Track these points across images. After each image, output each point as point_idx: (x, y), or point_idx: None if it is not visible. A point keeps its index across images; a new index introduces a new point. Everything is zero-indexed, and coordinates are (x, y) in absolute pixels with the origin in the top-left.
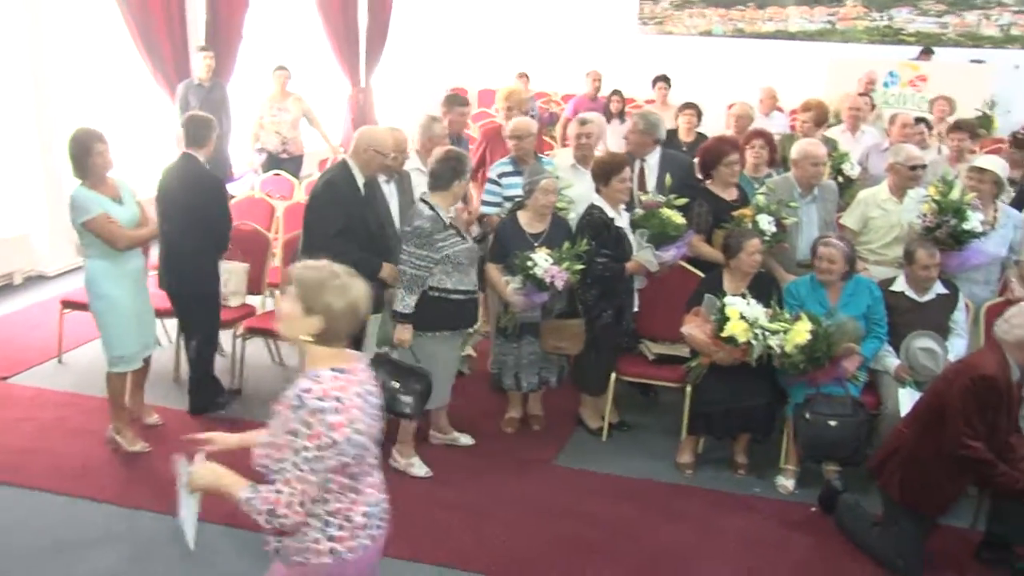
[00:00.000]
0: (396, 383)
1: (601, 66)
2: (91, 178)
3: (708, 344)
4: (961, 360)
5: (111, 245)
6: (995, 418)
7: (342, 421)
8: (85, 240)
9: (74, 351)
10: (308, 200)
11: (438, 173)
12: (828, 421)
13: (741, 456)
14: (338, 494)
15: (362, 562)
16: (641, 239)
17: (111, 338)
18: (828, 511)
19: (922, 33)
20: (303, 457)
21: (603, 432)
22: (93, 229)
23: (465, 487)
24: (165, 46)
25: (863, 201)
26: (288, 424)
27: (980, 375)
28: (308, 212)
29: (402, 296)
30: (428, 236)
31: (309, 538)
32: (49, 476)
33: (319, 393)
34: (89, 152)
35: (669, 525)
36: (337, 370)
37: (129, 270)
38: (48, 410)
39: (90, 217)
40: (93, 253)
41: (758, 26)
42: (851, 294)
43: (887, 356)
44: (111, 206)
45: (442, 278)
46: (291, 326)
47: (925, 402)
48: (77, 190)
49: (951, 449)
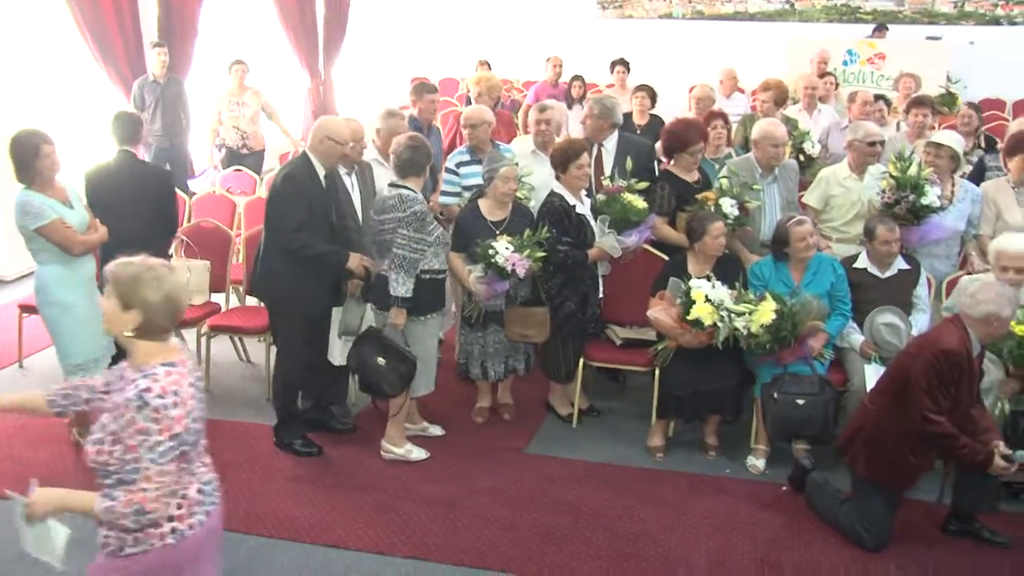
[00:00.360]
0: (382, 360)
1: (561, 51)
2: (38, 181)
3: (674, 327)
4: (923, 335)
5: (66, 251)
6: (957, 392)
7: (182, 414)
8: (35, 245)
9: (34, 356)
10: (268, 194)
11: (408, 159)
12: (796, 400)
13: (711, 438)
14: (175, 477)
15: (199, 537)
16: (603, 225)
17: (66, 346)
18: (798, 490)
19: (879, 11)
20: (159, 452)
21: (573, 419)
22: (47, 234)
23: (436, 478)
24: (117, 43)
25: (824, 179)
26: (135, 424)
27: (943, 350)
28: (269, 207)
29: (402, 281)
30: (423, 218)
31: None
32: (13, 484)
33: (159, 391)
34: (36, 154)
35: (642, 509)
36: (168, 364)
37: (82, 275)
38: (9, 417)
39: (45, 223)
40: (45, 259)
41: (717, 8)
42: (814, 272)
43: (852, 333)
44: (63, 210)
45: (431, 260)
46: (112, 323)
47: (889, 377)
48: (26, 194)
49: (915, 424)
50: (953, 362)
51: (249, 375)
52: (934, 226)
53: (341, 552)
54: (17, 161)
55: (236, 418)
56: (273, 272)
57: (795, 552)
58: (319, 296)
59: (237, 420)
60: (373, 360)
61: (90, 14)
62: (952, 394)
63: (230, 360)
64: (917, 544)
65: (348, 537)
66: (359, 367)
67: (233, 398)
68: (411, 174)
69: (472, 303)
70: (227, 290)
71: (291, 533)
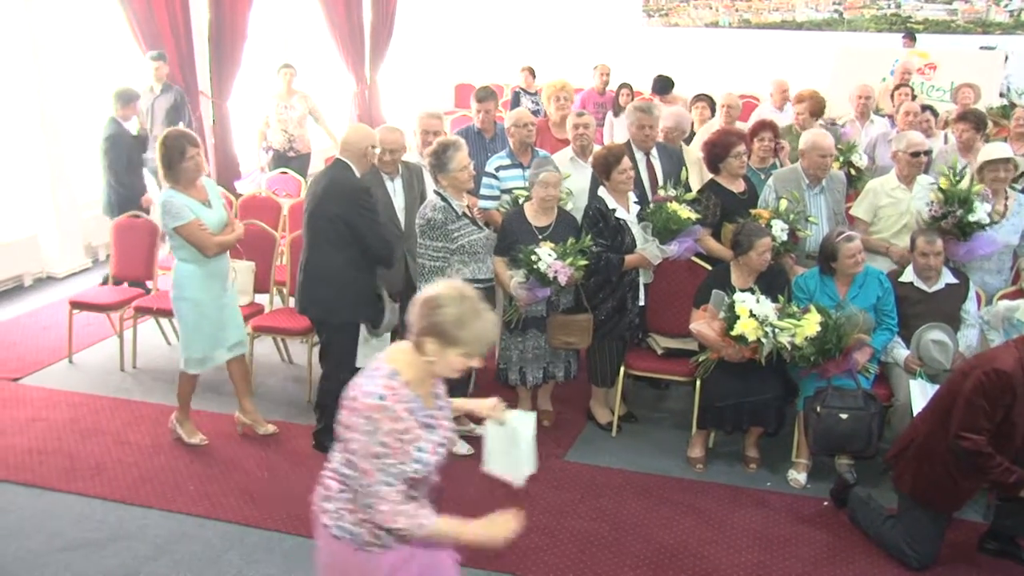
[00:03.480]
0: None
1: (607, 59)
2: (182, 182)
3: (718, 341)
4: (979, 354)
5: (201, 252)
6: (1010, 415)
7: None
8: (175, 242)
9: (84, 351)
10: (347, 211)
11: (432, 163)
12: (839, 414)
13: (752, 450)
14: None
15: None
16: (645, 232)
17: (189, 339)
18: (840, 505)
19: (931, 21)
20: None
21: (613, 427)
22: (184, 235)
23: (474, 483)
24: (169, 46)
25: (872, 190)
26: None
27: (995, 369)
28: (350, 225)
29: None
30: (441, 227)
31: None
32: (62, 476)
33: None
34: (182, 156)
35: (681, 520)
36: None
37: (216, 272)
38: (60, 410)
39: (183, 223)
40: (183, 256)
41: (765, 16)
42: (860, 286)
43: (897, 347)
44: (201, 210)
45: (459, 268)
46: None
47: (941, 395)
48: (169, 194)
49: (951, 440)
50: (1005, 383)
51: (291, 376)
52: (984, 241)
53: None
54: (166, 161)
55: (277, 418)
56: (332, 289)
57: (837, 568)
58: (369, 303)
59: (278, 420)
60: None
61: (143, 17)
62: (1005, 417)
63: (273, 360)
64: (961, 564)
65: None
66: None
67: (275, 398)
68: (435, 176)
69: (513, 308)
70: (271, 291)
71: None
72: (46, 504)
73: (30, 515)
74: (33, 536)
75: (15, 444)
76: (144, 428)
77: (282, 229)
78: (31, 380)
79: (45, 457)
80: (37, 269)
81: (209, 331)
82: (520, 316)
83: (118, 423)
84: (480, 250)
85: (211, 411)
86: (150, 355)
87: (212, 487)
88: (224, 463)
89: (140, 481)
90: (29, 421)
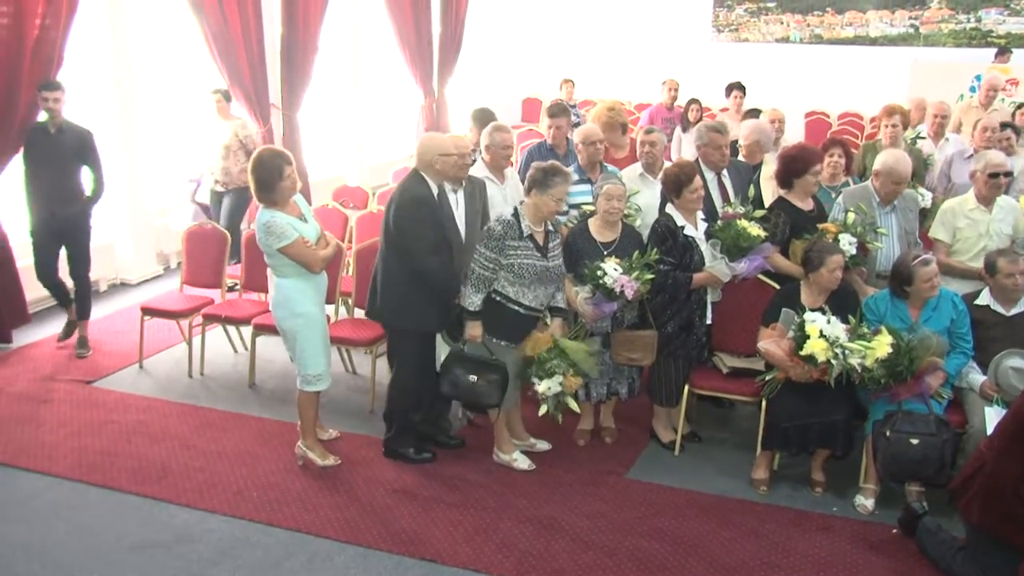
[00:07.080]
0: (474, 376)
1: (676, 74)
2: (280, 202)
3: (786, 361)
4: None
5: (308, 268)
6: None
7: None
8: (276, 261)
9: (154, 357)
10: (394, 217)
11: (534, 177)
12: (910, 439)
13: (818, 473)
14: None
15: None
16: (714, 250)
17: (309, 357)
18: (908, 534)
19: (1013, 35)
20: None
21: (675, 446)
22: (291, 254)
23: (536, 498)
24: (242, 58)
25: (949, 211)
26: None
27: None
28: (399, 230)
29: (468, 294)
30: (499, 239)
31: None
32: (130, 478)
33: None
34: (281, 176)
35: (743, 542)
36: None
37: (322, 286)
38: (130, 414)
39: (288, 242)
40: (286, 272)
41: (837, 32)
42: (934, 308)
43: (972, 372)
44: (301, 226)
45: (504, 284)
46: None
47: (1009, 419)
48: (269, 214)
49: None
50: None
51: (355, 386)
52: None
53: (438, 567)
54: (261, 182)
55: (341, 428)
56: (396, 295)
57: None
58: (439, 312)
59: (342, 431)
60: (465, 380)
61: (218, 32)
62: None
63: (336, 370)
64: None
65: (445, 552)
66: (453, 390)
67: (339, 408)
68: (527, 194)
69: (579, 325)
70: (336, 302)
71: (389, 545)
72: (114, 504)
73: (100, 515)
74: (102, 535)
75: (88, 445)
76: (209, 434)
77: (348, 240)
78: (104, 383)
79: (115, 459)
80: (112, 275)
81: (325, 345)
82: (585, 332)
83: (185, 428)
84: (527, 275)
85: (274, 418)
86: (216, 363)
87: (273, 494)
88: (285, 471)
89: (205, 486)
90: (101, 423)
